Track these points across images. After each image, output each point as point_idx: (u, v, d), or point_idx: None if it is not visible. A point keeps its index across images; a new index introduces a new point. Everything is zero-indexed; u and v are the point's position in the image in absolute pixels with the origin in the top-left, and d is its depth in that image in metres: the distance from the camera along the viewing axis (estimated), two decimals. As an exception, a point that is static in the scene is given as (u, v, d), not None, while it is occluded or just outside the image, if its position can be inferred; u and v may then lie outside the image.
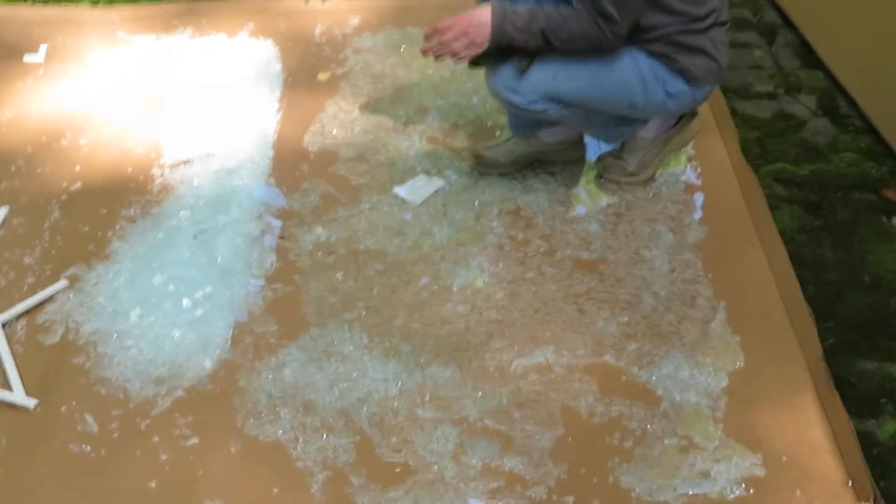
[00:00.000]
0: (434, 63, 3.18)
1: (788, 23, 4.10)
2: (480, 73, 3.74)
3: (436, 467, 2.41)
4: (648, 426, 2.48)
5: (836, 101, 3.66)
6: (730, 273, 2.90)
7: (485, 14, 2.77)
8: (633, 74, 2.85)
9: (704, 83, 2.92)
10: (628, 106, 2.93)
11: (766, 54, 3.95)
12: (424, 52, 2.87)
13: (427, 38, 2.86)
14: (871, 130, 3.48)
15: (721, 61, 2.91)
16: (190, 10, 4.30)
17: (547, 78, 2.85)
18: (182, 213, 3.18)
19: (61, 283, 2.93)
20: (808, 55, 3.91)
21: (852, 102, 3.61)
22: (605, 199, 3.18)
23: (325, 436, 2.48)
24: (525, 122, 3.22)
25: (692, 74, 2.87)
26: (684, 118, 3.20)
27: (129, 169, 3.38)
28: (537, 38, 2.75)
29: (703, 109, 3.50)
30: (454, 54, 2.82)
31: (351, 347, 2.71)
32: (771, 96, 3.71)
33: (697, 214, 3.12)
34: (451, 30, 2.81)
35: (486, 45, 2.80)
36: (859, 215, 3.14)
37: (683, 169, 3.29)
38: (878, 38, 3.58)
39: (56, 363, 2.70)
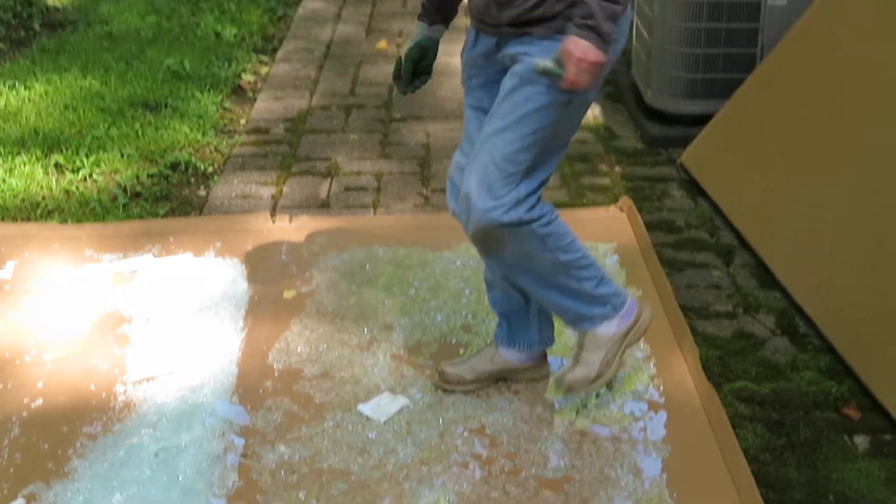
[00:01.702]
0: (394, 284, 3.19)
1: (745, 244, 4.20)
2: (445, 291, 3.81)
3: None
4: None
5: (795, 321, 3.72)
6: (694, 491, 2.89)
7: (594, 47, 2.71)
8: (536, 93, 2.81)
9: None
10: (563, 102, 2.83)
11: (724, 274, 4.04)
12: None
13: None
14: (830, 350, 3.53)
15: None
16: (157, 229, 4.36)
17: (489, 156, 2.84)
18: (144, 430, 3.15)
19: (18, 503, 2.87)
20: (765, 275, 3.99)
21: (810, 322, 3.67)
22: (574, 418, 3.18)
23: None
24: (509, 299, 3.23)
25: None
26: (637, 310, 3.19)
27: (92, 385, 3.36)
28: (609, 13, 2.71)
29: (664, 328, 3.55)
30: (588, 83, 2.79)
31: (313, 570, 2.65)
32: (730, 316, 3.78)
33: (661, 433, 3.12)
34: (571, 72, 2.76)
35: (602, 59, 2.73)
36: (822, 434, 3.16)
37: (646, 387, 3.31)
38: (834, 259, 3.67)
39: (8, 587, 2.62)
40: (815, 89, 4.21)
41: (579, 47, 2.69)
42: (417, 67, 3.18)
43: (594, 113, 5.53)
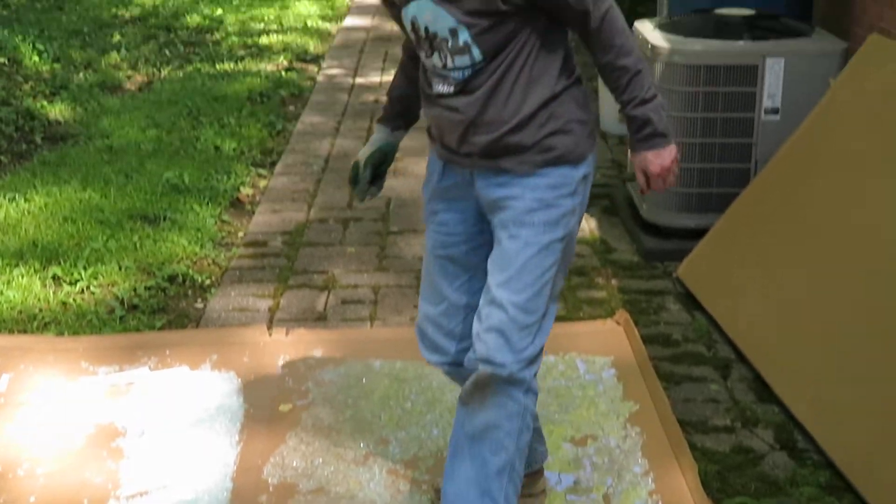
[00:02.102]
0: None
1: (742, 358, 4.20)
2: (441, 405, 3.79)
3: None
4: None
5: (794, 436, 3.70)
6: None
7: (664, 150, 2.75)
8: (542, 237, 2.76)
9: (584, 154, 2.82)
10: (565, 234, 2.81)
11: (721, 388, 4.03)
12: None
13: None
14: (829, 465, 3.50)
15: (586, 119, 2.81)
16: (153, 341, 4.35)
17: (503, 313, 2.73)
18: (136, 547, 3.12)
19: None
20: (762, 390, 3.98)
21: (809, 437, 3.65)
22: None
23: None
24: None
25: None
26: (534, 476, 3.17)
27: (85, 500, 3.33)
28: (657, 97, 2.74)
29: (662, 443, 3.53)
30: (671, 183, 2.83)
31: None
32: (728, 430, 3.76)
33: (660, 550, 3.09)
34: (660, 184, 2.81)
35: (675, 151, 2.77)
36: (823, 552, 3.12)
37: (644, 503, 3.28)
38: (832, 373, 3.67)
39: None
40: (809, 204, 4.25)
41: (653, 161, 2.75)
42: (377, 171, 3.10)
43: (591, 227, 5.57)
